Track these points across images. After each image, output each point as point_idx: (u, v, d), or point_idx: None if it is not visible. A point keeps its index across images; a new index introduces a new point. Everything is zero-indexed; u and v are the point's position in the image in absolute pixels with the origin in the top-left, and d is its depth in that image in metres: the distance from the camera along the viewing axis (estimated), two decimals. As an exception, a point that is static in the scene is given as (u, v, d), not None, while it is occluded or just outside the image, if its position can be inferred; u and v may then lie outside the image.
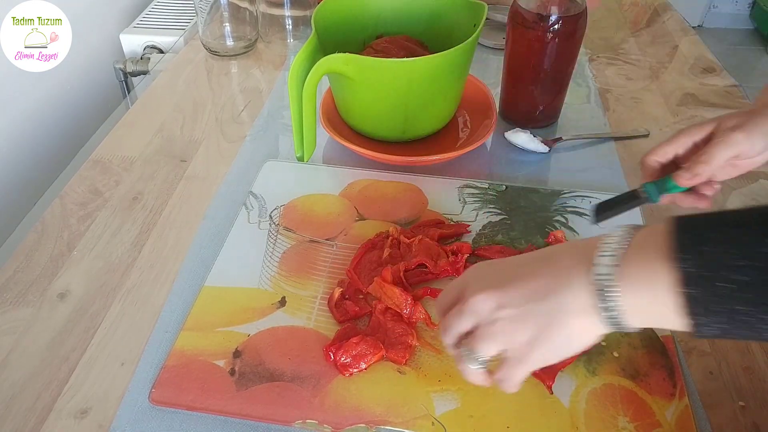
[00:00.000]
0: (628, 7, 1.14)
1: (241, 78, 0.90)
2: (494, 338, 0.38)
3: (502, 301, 0.38)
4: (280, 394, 0.47)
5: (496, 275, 0.39)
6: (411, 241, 0.58)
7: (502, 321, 0.38)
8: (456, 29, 0.71)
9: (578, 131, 0.77)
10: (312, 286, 0.56)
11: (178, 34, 1.07)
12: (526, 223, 0.62)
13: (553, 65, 0.72)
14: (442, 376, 0.48)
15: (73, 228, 0.62)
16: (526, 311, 0.37)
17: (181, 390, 0.47)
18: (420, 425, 0.45)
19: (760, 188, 0.69)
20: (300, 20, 0.98)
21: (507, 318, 0.37)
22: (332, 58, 0.61)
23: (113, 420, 0.46)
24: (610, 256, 0.35)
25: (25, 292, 0.55)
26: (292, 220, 0.63)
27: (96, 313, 0.54)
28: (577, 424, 0.45)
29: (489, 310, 0.38)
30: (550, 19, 0.68)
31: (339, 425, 0.45)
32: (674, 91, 0.87)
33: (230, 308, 0.53)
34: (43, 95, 0.98)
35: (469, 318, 0.39)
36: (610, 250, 0.35)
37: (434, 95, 0.69)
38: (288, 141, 0.75)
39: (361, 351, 0.49)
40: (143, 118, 0.80)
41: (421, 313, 0.52)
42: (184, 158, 0.73)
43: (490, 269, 0.40)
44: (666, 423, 0.45)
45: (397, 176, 0.69)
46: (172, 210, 0.65)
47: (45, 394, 0.47)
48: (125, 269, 0.58)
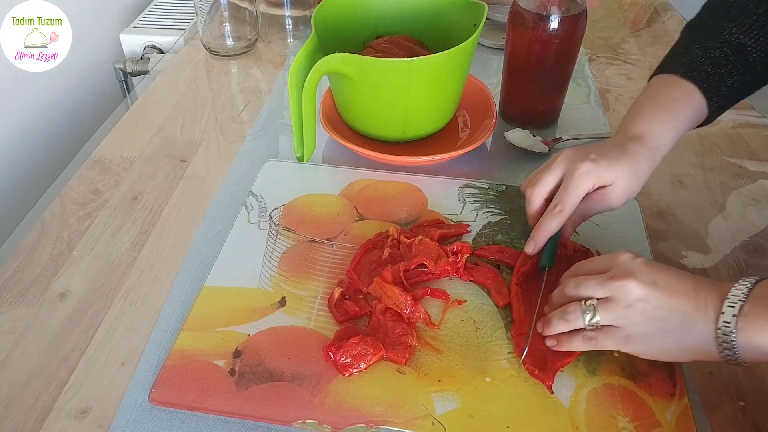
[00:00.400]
0: (628, 7, 1.14)
1: (240, 78, 0.90)
2: (622, 315, 0.45)
3: (649, 297, 0.44)
4: (280, 394, 0.47)
5: (655, 277, 0.45)
6: (411, 241, 0.58)
7: (636, 310, 0.44)
8: (456, 29, 0.71)
9: (578, 131, 0.77)
10: (312, 286, 0.56)
11: (178, 34, 1.07)
12: (526, 223, 0.62)
13: (553, 65, 0.72)
14: (442, 376, 0.48)
15: (73, 228, 0.62)
16: (659, 316, 0.44)
17: (181, 390, 0.47)
18: (420, 425, 0.45)
19: (760, 188, 0.69)
20: (300, 20, 0.98)
21: (642, 310, 0.44)
22: (332, 58, 0.61)
23: (113, 420, 0.46)
24: (731, 306, 0.41)
25: (25, 292, 0.55)
26: (292, 220, 0.63)
27: (96, 313, 0.54)
28: (577, 424, 0.45)
29: (634, 297, 0.44)
30: (550, 19, 0.68)
31: (339, 425, 0.45)
32: (674, 91, 0.87)
33: (230, 308, 0.53)
34: (43, 95, 0.98)
35: (613, 291, 0.45)
36: (735, 300, 0.42)
37: (434, 95, 0.69)
38: (288, 141, 0.75)
39: (361, 351, 0.49)
40: (143, 118, 0.80)
41: (421, 313, 0.52)
42: (184, 158, 0.73)
43: (653, 271, 0.45)
44: (666, 423, 0.45)
45: (397, 176, 0.69)
46: (172, 210, 0.65)
47: (45, 394, 0.47)
48: (125, 269, 0.58)
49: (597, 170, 0.52)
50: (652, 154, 0.53)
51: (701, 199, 0.67)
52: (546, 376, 0.47)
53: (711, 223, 0.64)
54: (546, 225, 0.52)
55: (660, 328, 0.44)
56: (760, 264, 0.59)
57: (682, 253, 0.60)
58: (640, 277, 0.45)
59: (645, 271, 0.45)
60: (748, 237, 0.62)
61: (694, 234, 0.63)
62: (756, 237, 0.62)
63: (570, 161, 0.53)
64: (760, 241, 0.62)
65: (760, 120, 0.79)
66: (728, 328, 0.41)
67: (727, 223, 0.64)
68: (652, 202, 0.66)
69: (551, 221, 0.52)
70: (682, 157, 0.73)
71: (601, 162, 0.52)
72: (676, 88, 0.55)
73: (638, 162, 0.53)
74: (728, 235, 0.63)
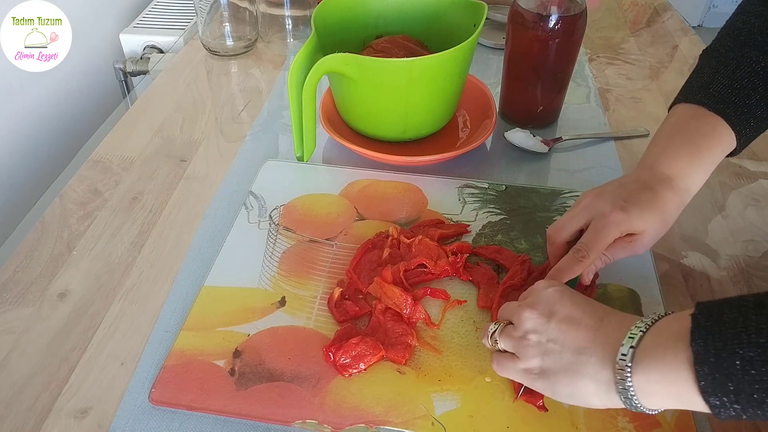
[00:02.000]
0: (628, 7, 1.14)
1: (240, 78, 0.90)
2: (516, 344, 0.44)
3: (541, 328, 0.42)
4: (280, 394, 0.47)
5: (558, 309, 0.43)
6: (411, 241, 0.58)
7: (530, 342, 0.42)
8: (456, 29, 0.71)
9: (578, 131, 0.77)
10: (312, 286, 0.56)
11: (178, 34, 1.07)
12: (526, 223, 0.62)
13: (553, 65, 0.72)
14: (442, 376, 0.48)
15: (72, 228, 0.62)
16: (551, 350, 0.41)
17: (180, 390, 0.47)
18: (420, 425, 0.45)
19: (760, 188, 0.69)
20: (300, 20, 0.98)
21: (536, 342, 0.42)
22: (332, 58, 0.61)
23: (113, 420, 0.46)
24: (630, 338, 0.38)
25: (25, 292, 0.55)
26: (292, 219, 0.63)
27: (96, 313, 0.54)
28: (576, 424, 0.45)
29: (525, 329, 0.43)
30: (550, 19, 0.68)
31: (339, 425, 0.45)
32: (674, 90, 0.86)
33: (230, 308, 0.53)
34: (43, 95, 0.98)
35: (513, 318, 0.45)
36: (636, 331, 0.38)
37: (434, 95, 0.69)
38: (288, 141, 0.75)
39: (361, 352, 0.48)
40: (143, 118, 0.80)
41: (421, 313, 0.52)
42: (184, 158, 0.73)
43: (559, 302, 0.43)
44: (666, 423, 0.45)
45: (397, 176, 0.69)
46: (172, 210, 0.65)
47: (45, 394, 0.47)
48: (125, 269, 0.58)
49: (628, 221, 0.48)
50: (682, 198, 0.51)
51: (701, 199, 0.67)
52: (534, 398, 0.46)
53: (711, 223, 0.64)
54: (567, 269, 0.49)
55: (553, 367, 0.41)
56: (761, 264, 0.59)
57: (682, 253, 0.60)
58: (539, 307, 0.43)
59: (547, 301, 0.43)
60: (748, 237, 0.62)
61: (694, 234, 0.63)
62: (756, 237, 0.62)
63: (598, 208, 0.50)
64: (760, 241, 0.62)
65: (760, 120, 0.79)
66: (624, 362, 0.37)
67: (727, 223, 0.64)
68: (652, 202, 0.66)
69: (573, 266, 0.49)
70: (682, 157, 0.73)
71: (632, 211, 0.48)
72: (704, 123, 0.51)
73: (669, 209, 0.50)
74: (728, 235, 0.63)
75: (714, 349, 0.33)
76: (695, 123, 0.52)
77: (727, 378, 0.32)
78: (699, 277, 0.58)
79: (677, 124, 0.53)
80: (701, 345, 0.34)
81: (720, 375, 0.33)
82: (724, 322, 0.34)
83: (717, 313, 0.34)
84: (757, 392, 0.32)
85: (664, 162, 0.51)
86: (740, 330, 0.33)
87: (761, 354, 0.32)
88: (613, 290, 0.55)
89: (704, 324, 0.34)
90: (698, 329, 0.34)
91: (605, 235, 0.49)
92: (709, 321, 0.34)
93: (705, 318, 0.35)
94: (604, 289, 0.55)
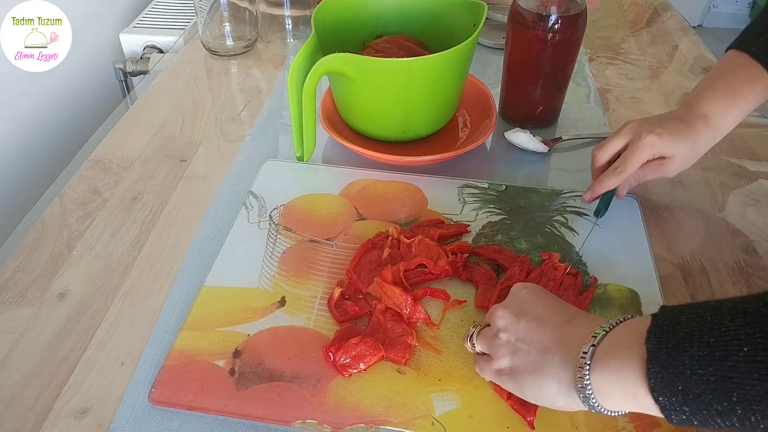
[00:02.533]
0: (628, 7, 1.14)
1: (240, 78, 0.90)
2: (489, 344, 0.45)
3: (511, 328, 0.43)
4: (279, 394, 0.47)
5: (529, 309, 0.44)
6: (411, 241, 0.58)
7: (500, 341, 0.44)
8: (456, 29, 0.71)
9: (578, 131, 0.77)
10: (312, 286, 0.56)
11: (177, 34, 1.07)
12: (526, 223, 0.62)
13: (552, 65, 0.72)
14: (442, 376, 0.48)
15: (72, 228, 0.62)
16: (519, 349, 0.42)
17: (180, 390, 0.47)
18: (420, 425, 0.45)
19: (760, 188, 0.69)
20: (300, 20, 0.98)
21: (506, 341, 0.43)
22: (332, 58, 0.61)
23: (113, 420, 0.46)
24: (593, 336, 0.38)
25: (25, 292, 0.55)
26: (291, 219, 0.63)
27: (96, 313, 0.54)
28: (576, 424, 0.45)
29: (497, 327, 0.44)
30: (550, 19, 0.68)
31: (339, 425, 0.45)
32: (674, 90, 0.87)
33: (230, 308, 0.53)
34: (43, 95, 0.98)
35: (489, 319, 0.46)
36: (600, 331, 0.38)
37: (434, 95, 0.69)
38: (288, 141, 0.75)
39: (361, 352, 0.48)
40: (143, 118, 0.80)
41: (421, 313, 0.52)
42: (184, 158, 0.73)
43: (531, 303, 0.44)
44: (666, 423, 0.45)
45: (397, 176, 0.69)
46: (172, 210, 0.65)
47: (45, 393, 0.47)
48: (125, 269, 0.58)
49: (660, 143, 0.56)
50: (714, 134, 0.58)
51: (701, 199, 0.67)
52: (527, 412, 0.45)
53: (711, 223, 0.64)
54: (606, 180, 0.58)
55: (521, 366, 0.42)
56: (760, 264, 0.59)
57: (682, 253, 0.60)
58: (511, 306, 0.44)
59: (520, 301, 0.45)
60: (748, 237, 0.62)
61: (694, 234, 0.63)
62: (756, 237, 0.62)
63: (637, 131, 0.58)
64: (760, 241, 0.62)
65: (760, 120, 0.79)
66: (584, 360, 0.37)
67: (727, 223, 0.64)
68: (652, 202, 0.66)
69: (611, 178, 0.58)
70: (682, 157, 0.73)
71: (665, 137, 0.56)
72: (746, 70, 0.57)
73: (699, 141, 0.57)
74: (728, 235, 0.63)
75: (666, 348, 0.33)
76: (738, 70, 0.58)
77: (676, 377, 0.32)
78: (699, 277, 0.58)
79: (723, 69, 0.59)
80: (655, 343, 0.34)
81: (669, 373, 0.33)
82: (680, 322, 0.34)
83: (676, 314, 0.34)
84: (704, 393, 0.31)
85: (702, 102, 0.58)
86: (693, 329, 0.33)
87: (709, 354, 0.31)
88: (613, 290, 0.55)
89: (662, 324, 0.34)
90: (655, 328, 0.34)
91: (640, 155, 0.57)
92: (667, 321, 0.34)
93: (664, 318, 0.35)
94: (604, 289, 0.55)
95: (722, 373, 0.31)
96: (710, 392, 0.31)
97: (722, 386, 0.31)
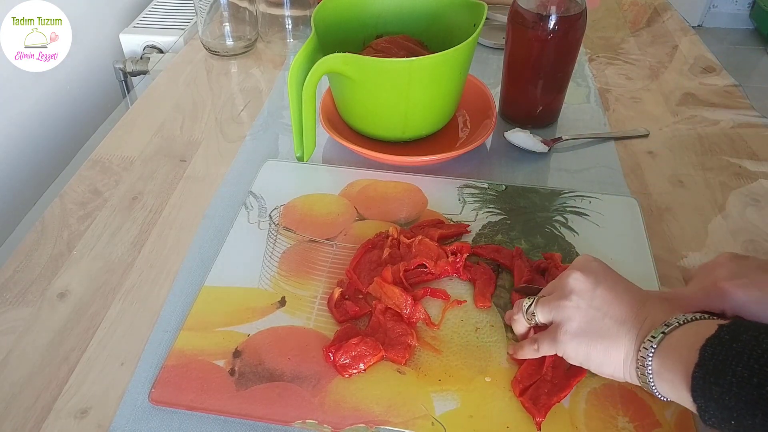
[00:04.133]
0: (628, 7, 1.14)
1: (240, 78, 0.90)
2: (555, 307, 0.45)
3: (585, 292, 0.44)
4: (279, 394, 0.47)
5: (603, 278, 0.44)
6: (411, 242, 0.58)
7: (572, 303, 0.44)
8: (456, 29, 0.71)
9: (578, 131, 0.77)
10: (312, 286, 0.56)
11: (177, 34, 1.07)
12: (526, 223, 0.62)
13: (553, 65, 0.72)
14: (442, 376, 0.48)
15: (72, 228, 0.62)
16: (593, 317, 0.43)
17: (180, 390, 0.47)
18: (420, 425, 0.45)
19: (760, 188, 0.69)
20: (300, 20, 0.98)
21: (576, 305, 0.43)
22: (332, 58, 0.61)
23: (113, 420, 0.46)
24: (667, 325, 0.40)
25: (25, 292, 0.55)
26: (291, 219, 0.63)
27: (96, 313, 0.54)
28: (576, 424, 0.45)
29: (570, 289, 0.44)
30: (550, 19, 0.68)
31: (339, 425, 0.45)
32: (674, 90, 0.87)
33: (230, 308, 0.53)
34: (43, 95, 0.98)
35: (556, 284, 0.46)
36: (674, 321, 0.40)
37: (434, 95, 0.69)
38: (288, 141, 0.75)
39: (361, 352, 0.48)
40: (143, 118, 0.80)
41: (421, 313, 0.52)
42: (184, 158, 0.73)
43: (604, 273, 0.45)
44: (666, 423, 0.45)
45: (397, 176, 0.69)
46: (172, 210, 0.65)
47: (45, 393, 0.47)
48: (125, 269, 0.58)
49: None
50: None
51: (701, 199, 0.67)
52: (538, 412, 0.45)
53: (711, 223, 0.64)
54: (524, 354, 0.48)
55: (592, 330, 0.43)
56: (760, 264, 0.59)
57: (682, 253, 0.60)
58: (586, 272, 0.45)
59: (595, 270, 0.45)
60: (748, 237, 0.62)
61: (694, 234, 0.63)
62: (756, 237, 0.62)
63: None
64: (760, 241, 0.62)
65: (760, 120, 0.79)
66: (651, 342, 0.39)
67: (727, 223, 0.64)
68: (652, 202, 0.66)
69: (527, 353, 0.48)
70: (682, 157, 0.73)
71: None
72: None
73: None
74: (728, 235, 0.63)
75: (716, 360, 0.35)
76: None
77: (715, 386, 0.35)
78: (699, 277, 0.58)
79: None
80: (709, 352, 0.36)
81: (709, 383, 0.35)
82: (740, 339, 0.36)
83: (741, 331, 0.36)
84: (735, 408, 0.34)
85: None
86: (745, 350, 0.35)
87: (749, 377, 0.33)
88: (613, 290, 0.55)
89: (722, 336, 0.36)
90: (714, 338, 0.36)
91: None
92: (728, 335, 0.36)
93: (727, 331, 0.37)
94: (604, 289, 0.55)
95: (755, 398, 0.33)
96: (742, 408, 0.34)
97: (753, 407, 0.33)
